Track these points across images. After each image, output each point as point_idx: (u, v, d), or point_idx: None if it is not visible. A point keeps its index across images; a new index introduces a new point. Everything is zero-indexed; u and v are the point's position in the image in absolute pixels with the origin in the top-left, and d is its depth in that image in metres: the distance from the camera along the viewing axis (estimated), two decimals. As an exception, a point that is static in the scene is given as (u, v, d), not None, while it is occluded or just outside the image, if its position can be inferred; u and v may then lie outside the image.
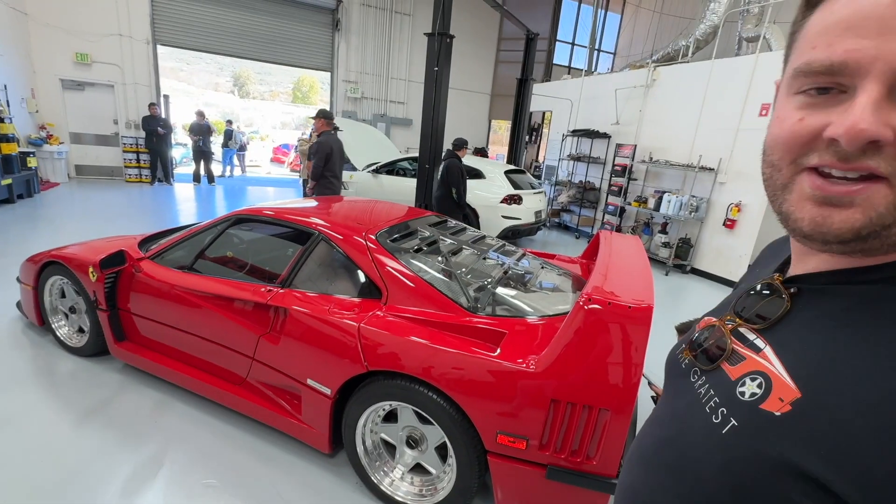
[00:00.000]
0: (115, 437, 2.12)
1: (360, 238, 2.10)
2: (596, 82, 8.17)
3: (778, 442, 0.36)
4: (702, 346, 0.51)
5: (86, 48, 8.55)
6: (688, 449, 0.45)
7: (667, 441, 0.49)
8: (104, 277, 2.39)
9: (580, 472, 1.51)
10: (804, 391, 0.37)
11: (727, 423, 0.41)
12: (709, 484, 0.41)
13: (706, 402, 0.45)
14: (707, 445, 0.42)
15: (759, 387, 0.41)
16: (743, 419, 0.40)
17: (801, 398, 0.37)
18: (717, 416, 0.43)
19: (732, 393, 0.43)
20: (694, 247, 6.09)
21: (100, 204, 7.07)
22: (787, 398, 0.37)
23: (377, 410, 1.85)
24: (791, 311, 0.43)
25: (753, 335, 0.45)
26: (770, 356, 0.42)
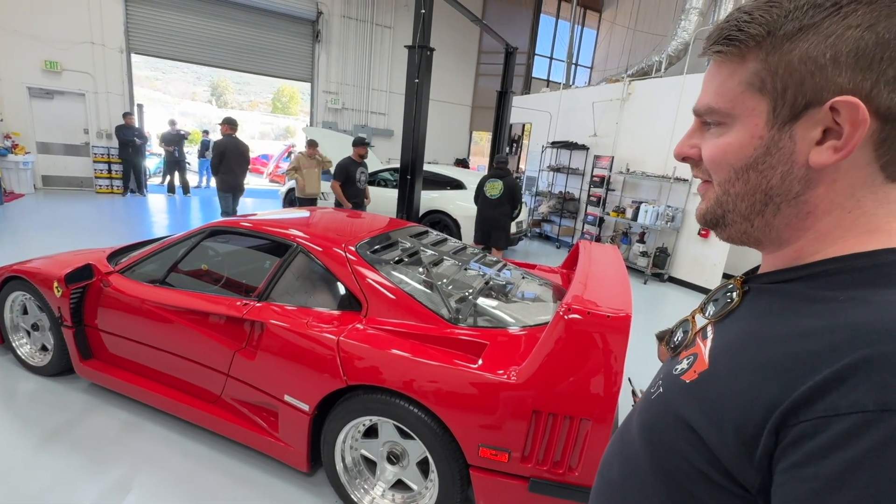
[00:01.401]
0: (79, 461, 2.01)
1: (339, 250, 2.07)
2: (574, 95, 8.35)
3: (680, 402, 0.45)
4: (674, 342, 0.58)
5: (56, 56, 8.31)
6: (630, 419, 0.56)
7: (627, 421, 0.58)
8: (70, 293, 2.29)
9: (563, 483, 1.50)
10: (710, 364, 0.45)
11: (657, 391, 0.51)
12: (635, 437, 0.51)
13: (656, 381, 0.54)
14: (640, 410, 0.53)
15: (688, 364, 0.48)
16: (666, 388, 0.49)
17: (706, 370, 0.44)
18: (654, 388, 0.53)
19: (671, 370, 0.51)
20: (671, 256, 6.23)
21: (68, 216, 6.81)
22: (699, 370, 0.45)
23: (357, 426, 1.81)
24: (739, 306, 0.49)
25: (710, 328, 0.51)
26: (708, 342, 0.49)
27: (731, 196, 0.46)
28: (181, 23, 9.42)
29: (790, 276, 0.44)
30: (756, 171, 0.43)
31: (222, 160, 5.41)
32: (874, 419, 0.29)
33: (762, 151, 0.42)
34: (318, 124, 11.07)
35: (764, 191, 0.43)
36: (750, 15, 0.41)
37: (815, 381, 0.33)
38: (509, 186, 4.96)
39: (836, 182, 0.40)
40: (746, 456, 0.36)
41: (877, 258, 0.39)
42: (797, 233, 0.44)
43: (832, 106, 0.37)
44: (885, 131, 0.37)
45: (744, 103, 0.43)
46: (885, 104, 0.36)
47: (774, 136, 0.41)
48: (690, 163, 0.51)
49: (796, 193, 0.42)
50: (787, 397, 0.34)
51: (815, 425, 0.32)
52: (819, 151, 0.39)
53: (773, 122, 0.41)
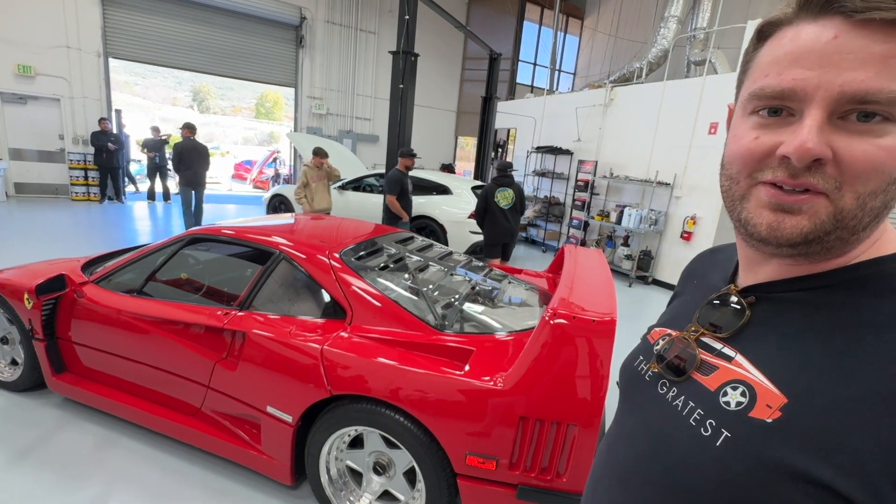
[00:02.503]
0: (51, 479, 1.93)
1: (323, 257, 2.04)
2: (557, 101, 8.46)
3: (775, 448, 0.37)
4: (665, 357, 0.52)
5: (29, 60, 8.08)
6: (678, 464, 0.45)
7: (649, 457, 0.49)
8: (41, 304, 2.20)
9: (551, 489, 1.49)
10: (789, 396, 0.38)
11: (719, 434, 0.41)
12: (706, 497, 0.41)
13: (688, 415, 0.45)
14: (701, 459, 0.42)
15: (742, 395, 0.41)
16: (735, 430, 0.41)
17: (788, 403, 0.38)
18: (706, 429, 0.43)
19: (716, 403, 0.43)
20: (655, 258, 6.32)
21: (43, 224, 6.60)
22: (774, 404, 0.39)
23: (342, 436, 1.78)
24: (752, 319, 0.45)
25: (720, 344, 0.46)
26: (744, 364, 0.43)
27: (865, 211, 0.38)
28: (161, 27, 9.27)
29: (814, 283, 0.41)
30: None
31: (181, 159, 6.14)
32: None
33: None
34: (302, 130, 10.98)
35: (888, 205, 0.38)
36: None
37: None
38: (519, 193, 4.76)
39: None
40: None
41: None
42: (858, 241, 0.40)
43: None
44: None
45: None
46: None
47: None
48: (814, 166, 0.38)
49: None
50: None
51: None
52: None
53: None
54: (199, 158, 6.28)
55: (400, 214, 5.21)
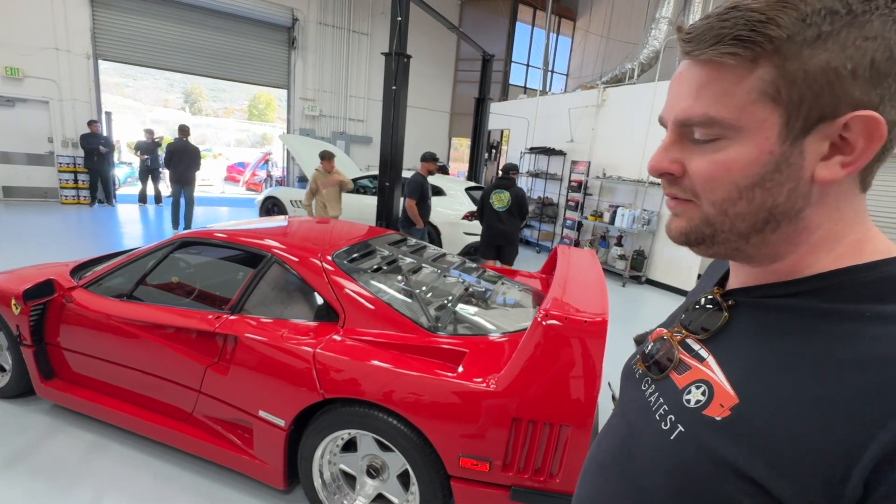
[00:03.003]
0: (41, 486, 1.90)
1: (315, 259, 2.03)
2: (550, 102, 8.49)
3: (719, 445, 0.40)
4: (653, 356, 0.54)
5: (17, 62, 7.98)
6: (639, 454, 0.49)
7: (620, 448, 0.53)
8: (29, 310, 2.17)
9: (544, 490, 1.49)
10: (741, 397, 0.41)
11: (675, 429, 0.45)
12: (659, 486, 0.45)
13: (656, 410, 0.49)
14: (657, 450, 0.46)
15: (703, 394, 0.44)
16: (689, 425, 0.44)
17: (738, 403, 0.40)
18: (665, 424, 0.46)
19: (679, 400, 0.46)
20: (648, 258, 6.36)
21: (31, 228, 6.52)
22: (727, 404, 0.41)
23: (335, 440, 1.77)
24: (730, 322, 0.46)
25: (698, 346, 0.48)
26: (712, 365, 0.45)
27: (729, 216, 0.42)
28: (151, 28, 9.20)
29: (792, 289, 0.43)
30: (763, 188, 0.40)
31: (171, 159, 6.68)
32: None
33: (771, 168, 0.39)
34: (295, 131, 10.94)
35: (768, 209, 0.41)
36: (764, 14, 0.36)
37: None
38: (517, 197, 4.66)
39: (828, 196, 0.40)
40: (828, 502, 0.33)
41: (880, 270, 0.39)
42: (792, 247, 0.43)
43: (849, 121, 0.36)
44: None
45: (754, 114, 0.39)
46: (891, 118, 0.36)
47: (786, 151, 0.39)
48: (667, 179, 0.46)
49: (798, 210, 0.40)
50: (870, 439, 0.31)
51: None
52: (827, 167, 0.38)
53: (785, 136, 0.38)
54: (188, 158, 6.70)
55: (416, 220, 5.03)
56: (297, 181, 10.84)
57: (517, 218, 4.74)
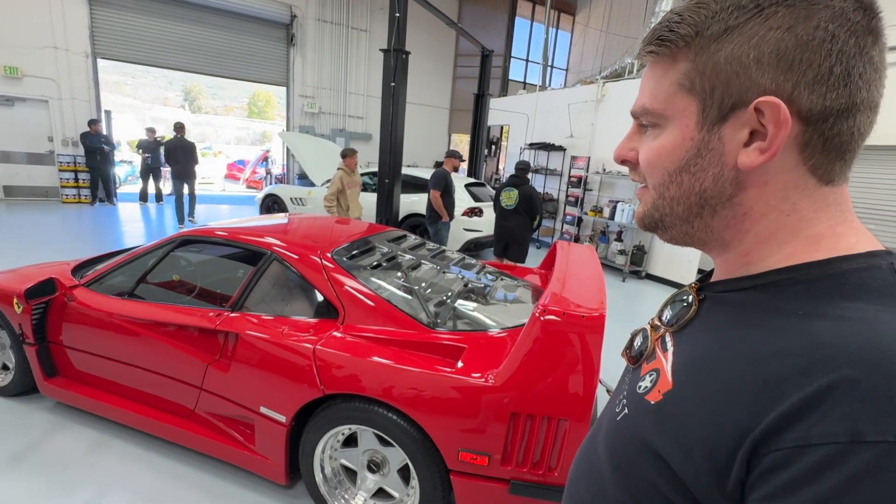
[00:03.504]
0: (44, 483, 1.92)
1: (315, 257, 2.04)
2: (550, 97, 8.47)
3: (645, 426, 0.43)
4: (635, 348, 0.56)
5: (16, 61, 7.98)
6: (597, 435, 0.54)
7: (593, 432, 0.57)
8: (31, 308, 2.19)
9: (543, 484, 1.50)
10: (674, 384, 0.43)
11: (622, 412, 0.49)
12: (603, 462, 0.49)
13: (619, 396, 0.52)
14: (606, 431, 0.51)
15: (651, 382, 0.46)
16: (632, 408, 0.47)
17: (670, 389, 0.43)
18: (619, 407, 0.50)
19: (634, 387, 0.49)
20: (648, 253, 6.36)
21: (32, 227, 6.54)
22: (663, 390, 0.44)
23: (336, 435, 1.78)
24: (696, 315, 0.48)
25: (669, 338, 0.50)
26: (669, 355, 0.47)
27: (665, 200, 0.46)
28: (149, 26, 9.17)
29: (744, 284, 0.43)
30: (689, 173, 0.43)
31: (169, 155, 7.12)
32: (846, 451, 0.29)
33: (693, 153, 0.42)
34: (295, 129, 10.93)
35: (698, 193, 0.43)
36: (680, 16, 0.41)
37: (785, 408, 0.32)
38: (525, 195, 4.64)
39: (766, 184, 0.41)
40: (717, 485, 0.35)
41: (830, 267, 0.39)
42: (739, 234, 0.44)
43: (756, 107, 0.38)
44: (807, 133, 0.38)
45: (675, 104, 0.43)
46: (805, 106, 0.37)
47: (704, 137, 0.41)
48: (629, 166, 0.50)
49: (729, 195, 0.42)
50: (757, 424, 0.33)
51: (787, 455, 0.31)
52: (746, 153, 0.39)
53: (702, 123, 0.41)
54: (185, 154, 7.14)
55: (441, 213, 5.12)
56: (297, 178, 10.83)
57: (526, 217, 4.72)
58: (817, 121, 0.37)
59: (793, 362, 0.34)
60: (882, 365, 0.30)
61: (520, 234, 4.81)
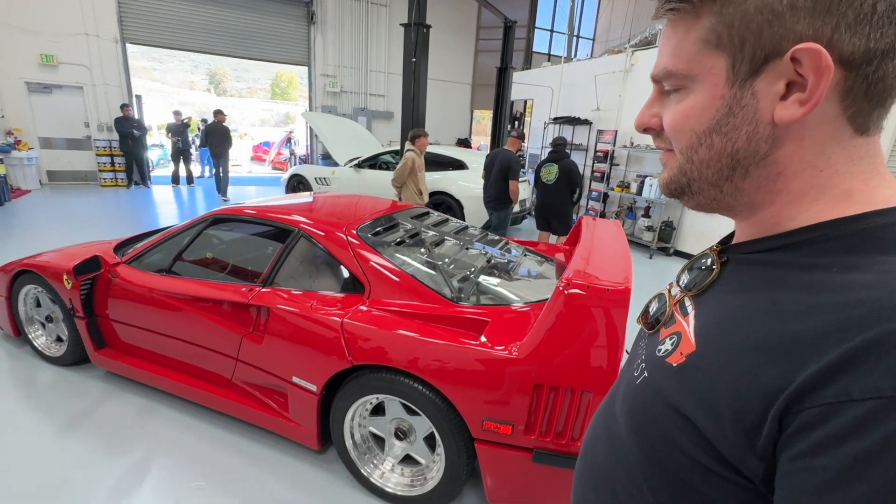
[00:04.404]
0: (99, 444, 2.09)
1: (341, 234, 2.08)
2: (575, 69, 8.18)
3: (668, 388, 0.43)
4: (651, 314, 0.56)
5: (51, 49, 8.26)
6: (616, 399, 0.53)
7: (610, 396, 0.57)
8: (79, 284, 2.33)
9: (565, 453, 1.53)
10: (698, 346, 0.42)
11: (642, 375, 0.48)
12: (622, 426, 0.48)
13: (636, 360, 0.52)
14: (626, 394, 0.50)
15: (672, 345, 0.46)
16: (652, 371, 0.47)
17: (694, 352, 0.42)
18: (638, 371, 0.50)
19: (653, 350, 0.49)
20: (676, 229, 6.18)
21: (74, 210, 6.88)
22: (686, 352, 0.43)
23: (364, 404, 1.86)
24: (719, 278, 0.47)
25: (689, 302, 0.49)
26: (690, 318, 0.46)
27: (694, 164, 0.44)
28: (174, 10, 9.29)
29: (773, 244, 0.42)
30: (720, 133, 0.41)
31: (207, 138, 8.30)
32: (892, 405, 0.27)
33: (724, 112, 0.40)
34: (317, 109, 10.98)
35: (730, 154, 0.41)
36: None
37: (823, 364, 0.30)
38: (564, 169, 4.77)
39: (804, 139, 0.38)
40: (748, 445, 0.34)
41: (865, 222, 0.37)
42: (770, 196, 0.42)
43: (793, 55, 0.35)
44: (850, 80, 0.35)
45: (701, 62, 0.40)
46: (847, 49, 0.34)
47: (736, 94, 0.39)
48: (652, 133, 0.48)
49: (764, 154, 0.40)
50: (790, 382, 0.32)
51: (825, 412, 0.29)
52: (784, 106, 0.37)
53: (733, 80, 0.39)
54: (221, 138, 8.10)
55: (514, 199, 4.85)
56: (321, 159, 10.94)
57: (566, 191, 4.85)
58: (861, 64, 0.35)
59: (830, 319, 0.32)
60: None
61: (561, 208, 4.96)
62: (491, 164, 4.92)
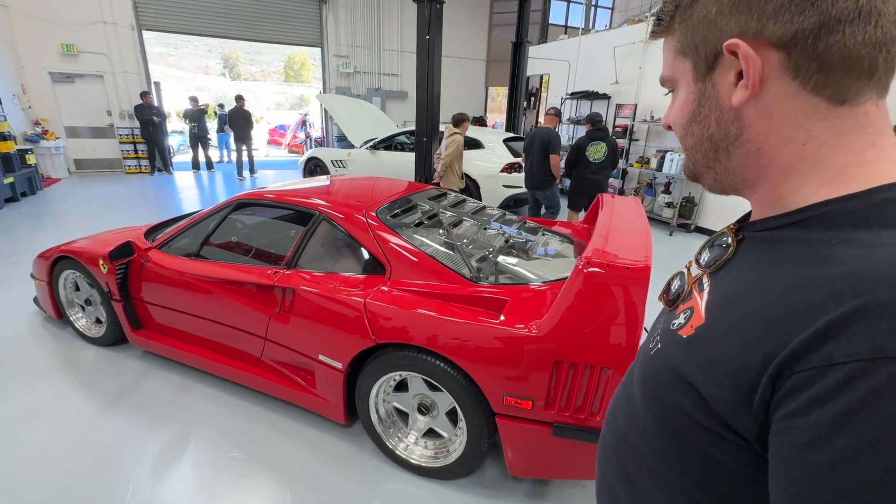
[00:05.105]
0: (141, 418, 2.23)
1: (360, 216, 2.12)
2: (594, 41, 7.91)
3: (677, 358, 0.46)
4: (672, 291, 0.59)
5: (71, 38, 8.38)
6: (634, 369, 0.58)
7: (630, 369, 0.61)
8: (115, 269, 2.45)
9: (584, 427, 1.57)
10: (707, 318, 0.46)
11: (656, 346, 0.52)
12: (637, 395, 0.53)
13: (654, 336, 0.55)
14: (641, 364, 0.55)
15: (685, 318, 0.49)
16: (665, 342, 0.51)
17: (703, 324, 0.45)
18: (653, 343, 0.54)
19: (668, 324, 0.52)
20: (697, 205, 6.04)
21: (103, 197, 7.11)
22: (695, 325, 0.46)
23: (388, 381, 1.92)
24: (735, 255, 0.49)
25: (706, 279, 0.51)
26: (705, 294, 0.49)
27: (689, 151, 0.51)
28: (187, -6, 9.28)
29: (783, 221, 0.44)
30: (696, 122, 0.48)
31: (230, 122, 8.91)
32: (870, 367, 0.29)
33: (697, 104, 0.48)
34: (331, 90, 10.93)
35: (708, 139, 0.48)
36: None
37: (811, 332, 0.33)
38: (612, 147, 4.82)
39: (771, 116, 0.42)
40: (744, 407, 0.37)
41: (867, 198, 0.38)
42: (760, 171, 0.45)
43: (728, 51, 0.42)
44: (793, 59, 0.40)
45: (677, 67, 0.50)
46: (776, 34, 0.39)
47: (701, 87, 0.47)
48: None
49: (736, 134, 0.45)
50: (783, 348, 0.34)
51: (811, 375, 0.32)
52: (736, 92, 0.43)
53: (697, 77, 0.47)
54: (243, 122, 8.75)
55: (557, 175, 4.85)
56: (336, 141, 10.95)
57: (609, 168, 4.93)
58: (795, 45, 0.39)
59: (822, 290, 0.35)
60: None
61: (606, 186, 5.02)
62: (531, 145, 4.87)
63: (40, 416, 2.22)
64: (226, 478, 1.90)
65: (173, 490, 1.84)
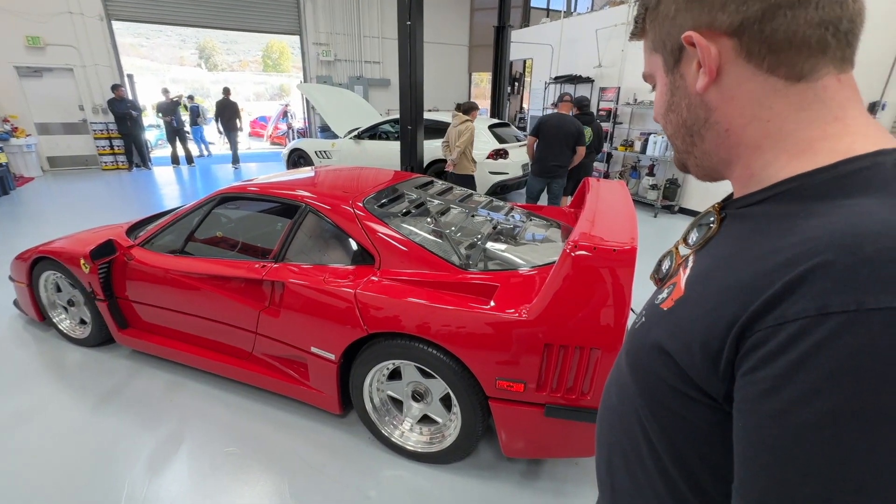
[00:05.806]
0: (133, 418, 2.21)
1: (347, 206, 2.11)
2: (576, 24, 7.88)
3: (657, 330, 0.49)
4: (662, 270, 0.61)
5: (36, 30, 8.04)
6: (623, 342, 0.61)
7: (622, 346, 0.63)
8: (97, 268, 2.40)
9: (576, 407, 1.61)
10: (686, 291, 0.48)
11: (641, 320, 0.55)
12: (623, 366, 0.56)
13: (642, 312, 0.57)
14: (628, 338, 0.58)
15: (668, 293, 0.51)
16: (648, 316, 0.54)
17: (681, 296, 0.48)
18: (639, 318, 0.57)
19: (654, 300, 0.55)
20: (681, 187, 6.13)
21: (79, 195, 6.91)
22: (675, 297, 0.49)
23: (381, 370, 1.94)
24: (718, 233, 0.51)
25: (692, 257, 0.53)
26: (688, 270, 0.51)
27: (671, 139, 0.55)
28: (157, -19, 8.94)
29: (759, 197, 0.46)
30: (672, 111, 0.53)
31: (218, 112, 9.40)
32: (814, 323, 0.32)
33: (669, 95, 0.52)
34: (312, 79, 10.72)
35: (682, 125, 0.52)
36: (640, 1, 0.54)
37: (768, 295, 0.36)
38: (597, 132, 4.88)
39: (734, 98, 0.46)
40: (712, 369, 0.40)
41: (834, 171, 0.41)
42: (732, 150, 0.49)
43: (686, 43, 0.46)
44: (744, 44, 0.43)
45: (652, 63, 0.54)
46: (725, 23, 0.44)
47: (672, 79, 0.51)
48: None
49: (704, 118, 0.49)
50: (745, 311, 0.37)
51: (767, 333, 0.35)
52: (699, 79, 0.48)
53: (667, 70, 0.52)
54: (231, 113, 9.29)
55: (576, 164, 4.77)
56: (319, 131, 10.78)
57: (595, 152, 5.13)
58: (744, 31, 0.43)
59: (782, 257, 0.37)
60: (853, 245, 0.33)
61: (591, 169, 5.17)
62: (552, 130, 4.54)
63: (29, 421, 2.19)
64: (223, 472, 1.91)
65: (170, 487, 1.84)
